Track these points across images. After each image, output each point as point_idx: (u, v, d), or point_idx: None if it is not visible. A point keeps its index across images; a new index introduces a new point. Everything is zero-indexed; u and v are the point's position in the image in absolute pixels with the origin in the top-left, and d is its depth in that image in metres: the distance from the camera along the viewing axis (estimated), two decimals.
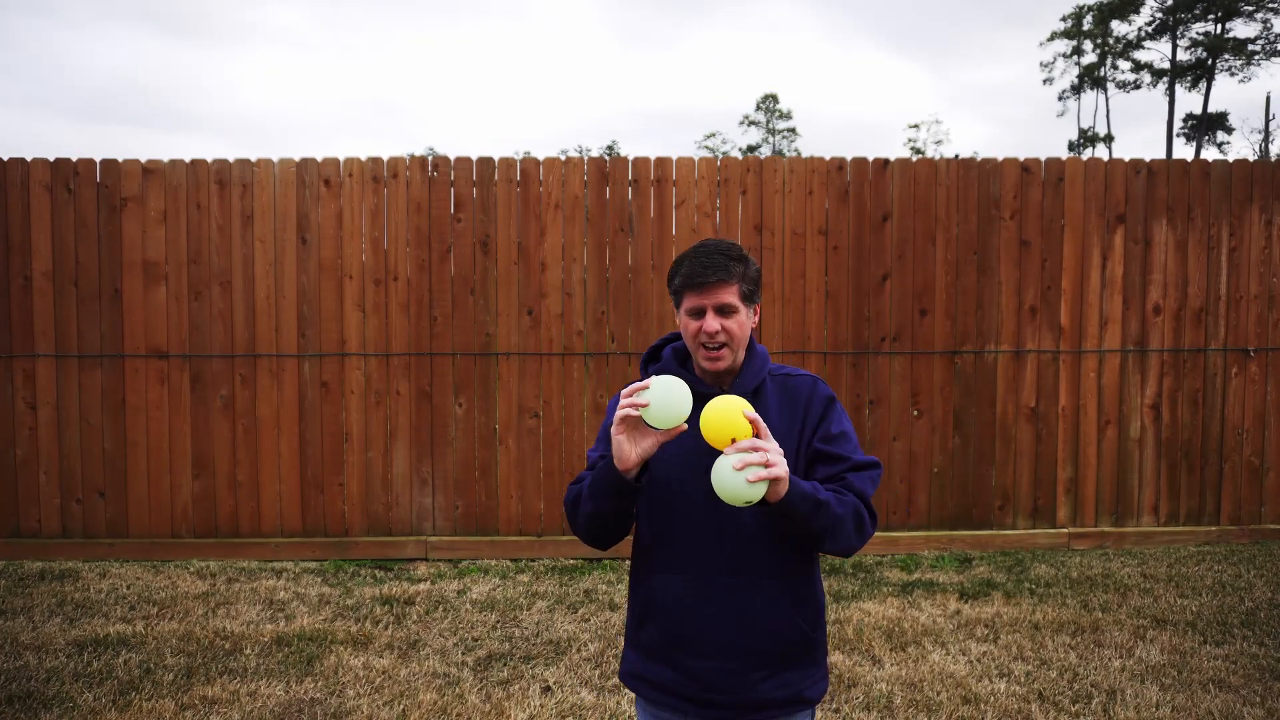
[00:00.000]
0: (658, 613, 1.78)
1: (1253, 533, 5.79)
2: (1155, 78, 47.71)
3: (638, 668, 1.83)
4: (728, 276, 1.72)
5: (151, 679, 3.70)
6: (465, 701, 3.55)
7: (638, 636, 1.83)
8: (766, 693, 1.74)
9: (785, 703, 1.76)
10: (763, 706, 1.74)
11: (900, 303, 5.64)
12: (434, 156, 5.63)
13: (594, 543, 1.80)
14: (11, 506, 5.44)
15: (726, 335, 1.73)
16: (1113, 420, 5.72)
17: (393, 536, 5.53)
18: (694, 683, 1.74)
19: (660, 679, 1.79)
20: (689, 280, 1.73)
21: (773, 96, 59.93)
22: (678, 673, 1.76)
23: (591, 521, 1.74)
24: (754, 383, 1.80)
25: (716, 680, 1.73)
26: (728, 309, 1.73)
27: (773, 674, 1.74)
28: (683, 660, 1.75)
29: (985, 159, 5.68)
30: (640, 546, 1.84)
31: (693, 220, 5.58)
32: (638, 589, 1.84)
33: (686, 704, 1.76)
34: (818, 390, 1.83)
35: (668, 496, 1.76)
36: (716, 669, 1.73)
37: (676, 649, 1.76)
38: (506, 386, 5.55)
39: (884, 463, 5.64)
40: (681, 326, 1.80)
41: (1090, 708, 3.47)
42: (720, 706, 1.74)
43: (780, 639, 1.75)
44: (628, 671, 1.87)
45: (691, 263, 1.74)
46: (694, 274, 1.72)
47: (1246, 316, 5.75)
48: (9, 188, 5.40)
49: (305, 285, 5.48)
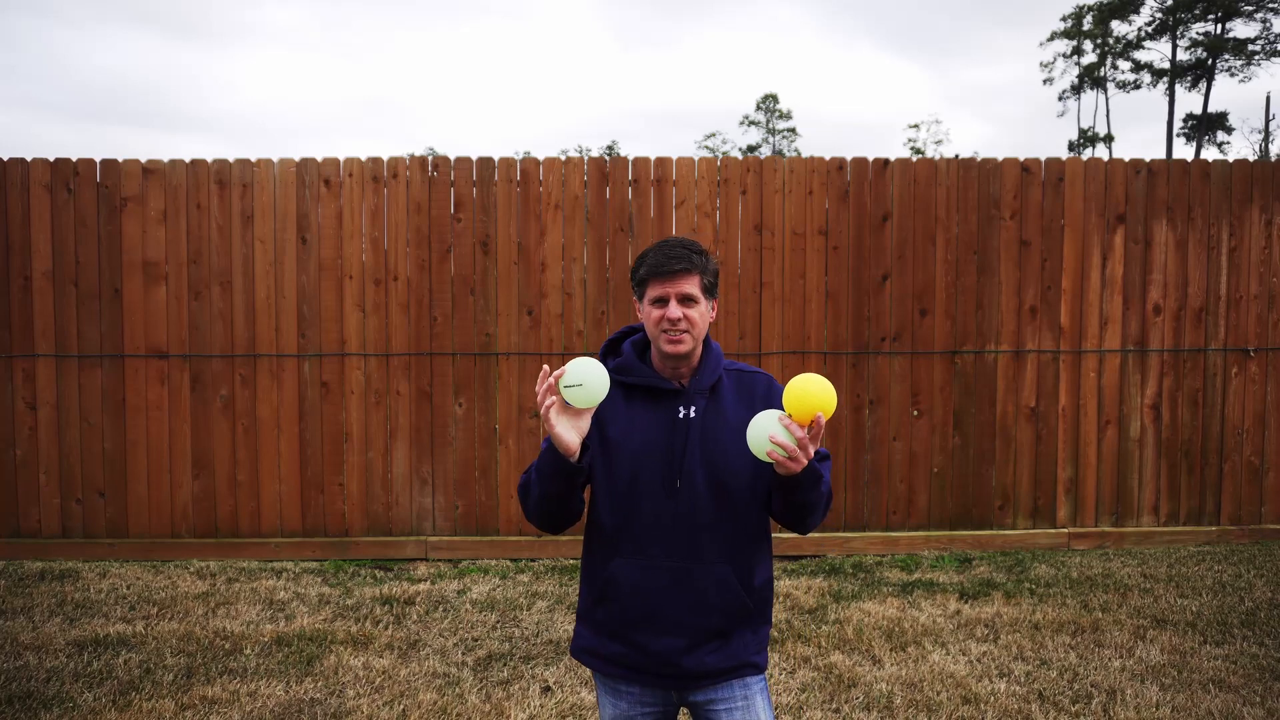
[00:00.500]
0: (616, 595, 1.87)
1: (1253, 533, 5.79)
2: (1155, 78, 47.71)
3: (592, 644, 1.94)
4: (690, 267, 1.84)
5: (151, 679, 3.70)
6: (465, 701, 3.55)
7: (593, 615, 1.93)
8: (719, 665, 1.87)
9: (733, 669, 1.89)
10: (715, 675, 1.87)
11: (900, 303, 5.64)
12: (434, 156, 5.63)
13: (546, 526, 1.90)
14: (11, 506, 5.44)
15: (688, 323, 1.84)
16: (1113, 420, 5.72)
17: (393, 536, 5.53)
18: (649, 658, 1.86)
19: (614, 654, 1.90)
20: (654, 270, 1.85)
21: (773, 96, 59.93)
22: (632, 649, 1.87)
23: (541, 504, 1.85)
24: (711, 379, 1.91)
25: (670, 656, 1.85)
26: (690, 299, 1.84)
27: (724, 651, 1.87)
28: (637, 638, 1.86)
29: (985, 159, 5.68)
30: (600, 532, 1.92)
31: (693, 220, 5.58)
32: (596, 571, 1.92)
33: (640, 675, 1.88)
34: (774, 389, 1.94)
35: (632, 488, 1.85)
36: (669, 646, 1.84)
37: (632, 628, 1.87)
38: (506, 386, 5.55)
39: (884, 463, 5.65)
40: (644, 316, 1.89)
41: (1090, 708, 3.47)
42: (672, 676, 1.87)
43: (728, 616, 1.87)
44: (581, 647, 1.97)
45: (656, 254, 1.87)
46: (659, 264, 1.85)
47: (1246, 316, 5.75)
48: (9, 188, 5.40)
49: (305, 285, 5.48)
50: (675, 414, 1.86)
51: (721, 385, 1.91)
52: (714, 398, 1.88)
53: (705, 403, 1.88)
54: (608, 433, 1.87)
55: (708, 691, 1.89)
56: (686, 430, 1.85)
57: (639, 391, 1.89)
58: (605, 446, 1.87)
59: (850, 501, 5.62)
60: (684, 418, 1.86)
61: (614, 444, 1.86)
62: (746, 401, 1.89)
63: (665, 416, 1.86)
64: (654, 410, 1.87)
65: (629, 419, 1.88)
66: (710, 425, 1.86)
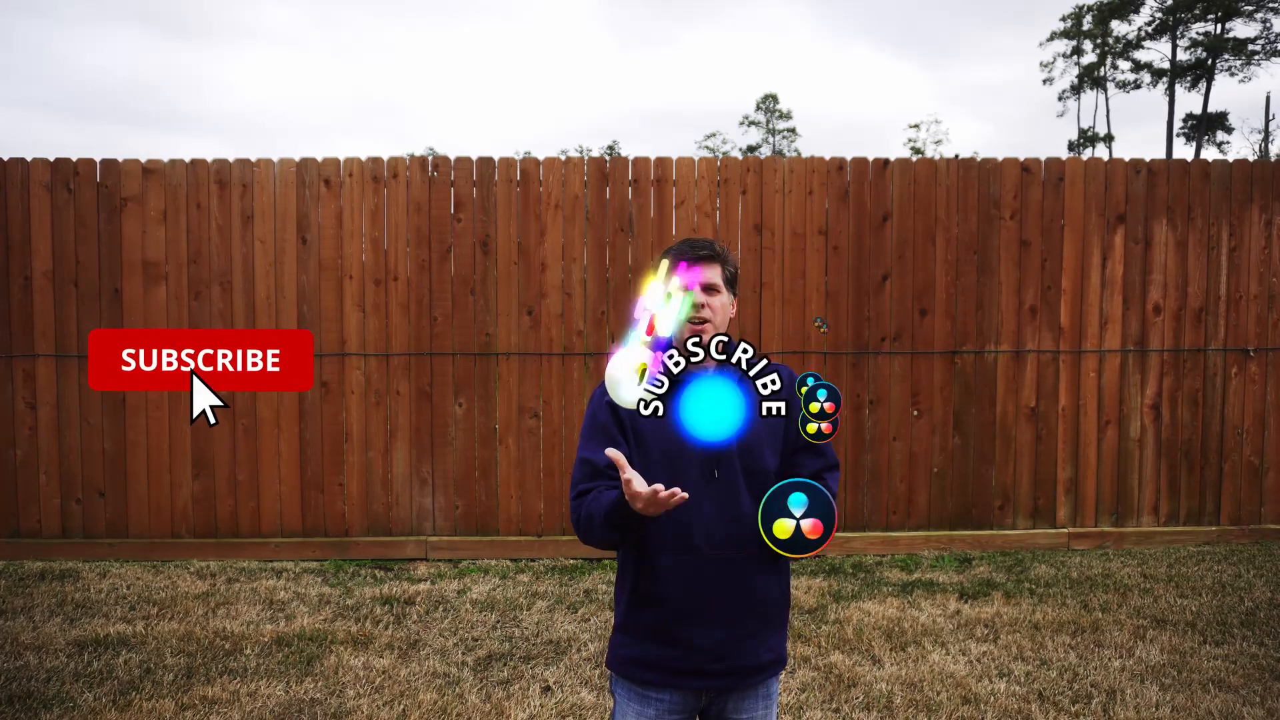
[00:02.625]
0: (662, 592, 1.85)
1: (1253, 533, 5.79)
2: (1155, 78, 47.70)
3: (633, 651, 1.90)
4: (714, 256, 1.93)
5: (151, 679, 3.70)
6: (465, 701, 3.55)
7: (637, 618, 1.90)
8: (759, 656, 1.88)
9: (772, 664, 1.92)
10: (754, 671, 1.89)
11: (900, 303, 5.64)
12: (434, 156, 5.63)
13: (607, 549, 1.93)
14: (11, 506, 5.44)
15: (710, 311, 1.90)
16: (1113, 420, 5.72)
17: (393, 536, 5.53)
18: (693, 655, 1.84)
19: (657, 658, 1.87)
20: (679, 257, 1.89)
21: (773, 96, 59.90)
22: (676, 648, 1.85)
23: (606, 544, 1.86)
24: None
25: (715, 649, 1.84)
26: (712, 288, 1.92)
27: (762, 639, 1.89)
28: (684, 635, 1.84)
29: (985, 159, 5.68)
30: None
31: (693, 220, 5.58)
32: (638, 571, 1.89)
33: (679, 678, 1.86)
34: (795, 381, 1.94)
35: (671, 481, 1.80)
36: (716, 639, 1.84)
37: (679, 625, 1.85)
38: (506, 386, 5.55)
39: (884, 463, 5.65)
40: None
41: (1090, 708, 3.47)
42: (714, 675, 1.86)
43: (769, 603, 1.90)
44: (622, 657, 1.92)
45: (681, 245, 1.93)
46: (684, 251, 1.91)
47: (1246, 316, 5.75)
48: (9, 188, 5.40)
49: (305, 285, 5.48)
50: None
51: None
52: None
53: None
54: (641, 424, 1.85)
55: (735, 700, 1.90)
56: None
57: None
58: (640, 439, 1.86)
59: (850, 501, 5.62)
60: None
61: (649, 436, 1.85)
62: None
63: None
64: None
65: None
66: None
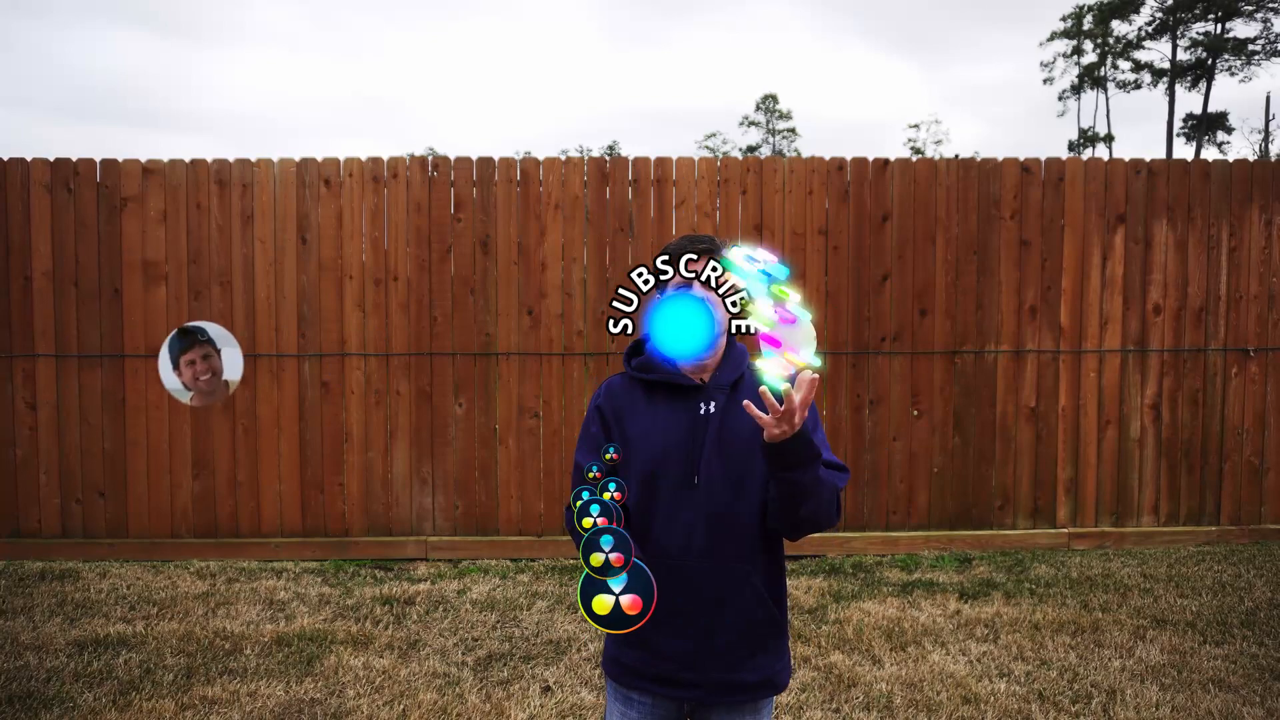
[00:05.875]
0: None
1: (1253, 533, 5.79)
2: (1155, 78, 47.73)
3: (613, 652, 1.93)
4: (713, 249, 1.86)
5: (151, 679, 3.70)
6: (465, 701, 3.55)
7: None
8: (741, 676, 1.83)
9: (757, 686, 1.86)
10: (734, 689, 1.84)
11: (900, 303, 5.64)
12: (434, 156, 5.63)
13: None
14: (11, 506, 5.44)
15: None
16: (1113, 420, 5.72)
17: (393, 536, 5.53)
18: (662, 662, 1.84)
19: (633, 661, 1.88)
20: (681, 253, 1.85)
21: (772, 97, 59.94)
22: (645, 651, 1.85)
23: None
24: (733, 375, 1.89)
25: (683, 659, 1.82)
26: None
27: (747, 656, 1.84)
28: (655, 641, 1.83)
29: (985, 159, 5.68)
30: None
31: (693, 220, 5.58)
32: None
33: (654, 684, 1.85)
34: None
35: (651, 484, 1.84)
36: (684, 649, 1.82)
37: (650, 629, 1.82)
38: (506, 386, 5.55)
39: (884, 462, 5.65)
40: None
41: (1090, 708, 3.47)
42: (690, 686, 1.83)
43: (753, 624, 1.84)
44: (606, 656, 1.96)
45: (681, 240, 1.89)
46: (682, 246, 1.86)
47: (1246, 316, 5.75)
48: (9, 188, 5.40)
49: (305, 285, 5.48)
50: (696, 410, 1.85)
51: (743, 382, 1.89)
52: (735, 394, 1.86)
53: (725, 399, 1.86)
54: (629, 430, 1.86)
55: (719, 715, 1.86)
56: (706, 426, 1.84)
57: (660, 388, 1.89)
58: (626, 444, 1.86)
59: (850, 501, 5.62)
60: (704, 414, 1.85)
61: (635, 441, 1.85)
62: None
63: (686, 413, 1.85)
64: (675, 407, 1.86)
65: (650, 416, 1.87)
66: (730, 421, 1.84)
